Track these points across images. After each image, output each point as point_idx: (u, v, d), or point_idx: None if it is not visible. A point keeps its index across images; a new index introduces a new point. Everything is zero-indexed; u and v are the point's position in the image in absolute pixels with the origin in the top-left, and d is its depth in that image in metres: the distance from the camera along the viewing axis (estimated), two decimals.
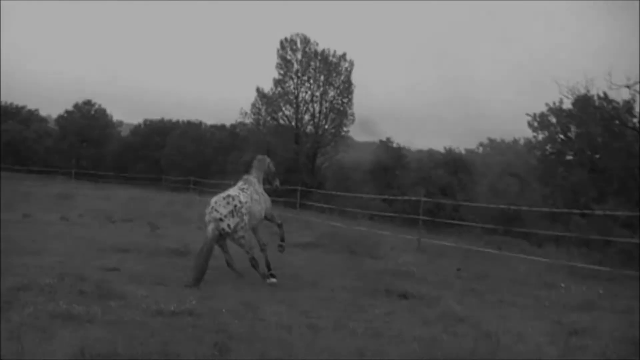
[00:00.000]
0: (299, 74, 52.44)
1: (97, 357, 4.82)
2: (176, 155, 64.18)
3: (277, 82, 53.28)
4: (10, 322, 5.78)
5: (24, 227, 15.15)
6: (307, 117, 53.51)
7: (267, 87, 54.11)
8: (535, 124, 35.14)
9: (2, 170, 53.54)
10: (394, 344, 6.33)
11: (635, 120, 29.93)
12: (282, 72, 53.08)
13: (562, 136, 34.18)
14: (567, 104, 33.32)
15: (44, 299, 6.83)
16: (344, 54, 52.33)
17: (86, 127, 70.70)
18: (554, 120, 34.33)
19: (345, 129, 53.40)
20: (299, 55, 52.45)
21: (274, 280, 9.85)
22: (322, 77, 52.14)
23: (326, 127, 52.84)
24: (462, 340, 6.67)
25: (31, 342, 5.14)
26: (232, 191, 9.96)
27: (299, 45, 52.51)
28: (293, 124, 53.30)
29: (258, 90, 53.97)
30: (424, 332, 6.93)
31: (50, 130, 74.43)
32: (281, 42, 52.87)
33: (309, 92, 52.83)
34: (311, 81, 52.40)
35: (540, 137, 35.70)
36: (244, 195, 9.93)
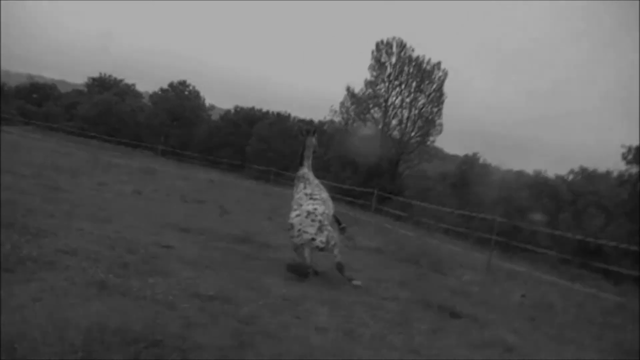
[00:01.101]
0: (391, 78, 52.11)
1: (112, 331, 4.70)
2: (262, 145, 64.93)
3: (368, 84, 53.26)
4: (44, 281, 5.77)
5: (95, 194, 15.41)
6: (394, 122, 53.15)
7: (358, 87, 54.11)
8: (630, 156, 33.66)
9: (93, 138, 55.73)
10: None
11: None
12: (374, 74, 53.04)
13: None
14: None
15: (86, 265, 6.79)
16: (439, 63, 51.85)
17: (178, 107, 72.69)
18: None
19: (431, 138, 52.78)
20: (394, 59, 52.14)
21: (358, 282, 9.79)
22: (414, 84, 51.67)
23: (412, 134, 52.29)
24: None
25: (53, 306, 5.09)
26: (306, 204, 9.77)
27: (394, 49, 52.22)
28: (380, 127, 52.96)
29: (348, 89, 54.14)
30: (465, 355, 6.54)
31: (143, 105, 77.16)
32: (377, 44, 52.77)
33: (400, 97, 52.46)
34: (402, 86, 51.98)
35: (634, 171, 34.23)
36: (319, 204, 9.82)
